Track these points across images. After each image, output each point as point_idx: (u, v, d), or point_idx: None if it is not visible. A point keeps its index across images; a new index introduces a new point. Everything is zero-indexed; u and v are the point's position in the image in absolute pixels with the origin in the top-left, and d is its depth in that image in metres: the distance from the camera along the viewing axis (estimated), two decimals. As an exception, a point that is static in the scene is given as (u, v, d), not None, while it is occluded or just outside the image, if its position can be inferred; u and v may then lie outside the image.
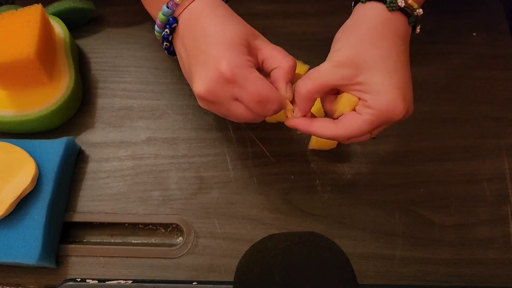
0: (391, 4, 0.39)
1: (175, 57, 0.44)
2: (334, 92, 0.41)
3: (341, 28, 0.42)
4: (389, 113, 0.38)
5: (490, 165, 0.50)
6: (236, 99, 0.39)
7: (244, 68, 0.38)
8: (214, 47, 0.38)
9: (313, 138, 0.49)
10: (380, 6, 0.40)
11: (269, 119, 0.51)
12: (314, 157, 0.50)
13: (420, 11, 0.41)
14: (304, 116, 0.41)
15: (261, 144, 0.51)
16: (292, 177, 0.49)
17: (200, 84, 0.39)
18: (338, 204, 0.48)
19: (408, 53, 0.41)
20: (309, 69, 0.51)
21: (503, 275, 0.45)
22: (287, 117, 0.41)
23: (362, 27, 0.40)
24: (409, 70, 0.40)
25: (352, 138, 0.40)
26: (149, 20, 0.58)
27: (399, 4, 0.40)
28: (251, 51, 0.40)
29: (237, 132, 0.51)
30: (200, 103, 0.41)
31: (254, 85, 0.38)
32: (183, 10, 0.41)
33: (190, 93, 0.54)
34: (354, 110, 0.40)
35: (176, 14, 0.41)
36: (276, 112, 0.40)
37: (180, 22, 0.41)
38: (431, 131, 0.51)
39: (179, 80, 0.55)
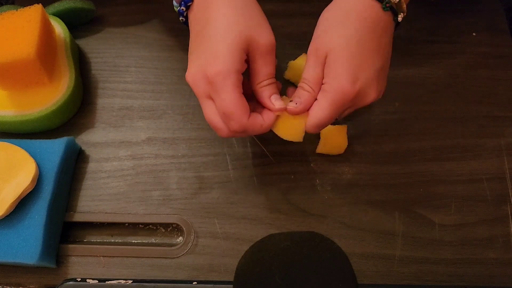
0: None
1: (172, 55, 0.45)
2: None
3: (324, 11, 0.43)
4: (341, 96, 0.39)
5: (490, 164, 0.50)
6: (211, 99, 0.40)
7: (228, 78, 0.39)
8: (218, 42, 0.39)
9: (321, 143, 0.49)
10: None
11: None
12: (314, 157, 0.50)
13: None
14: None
15: (261, 144, 0.51)
16: (292, 177, 0.49)
17: (189, 68, 0.41)
18: (338, 204, 0.48)
19: (383, 39, 0.41)
20: None
21: (503, 275, 0.45)
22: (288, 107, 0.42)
23: (326, 16, 0.42)
24: (379, 55, 0.41)
25: (321, 127, 0.42)
26: (149, 20, 0.58)
27: None
28: (247, 54, 0.40)
29: (237, 132, 0.51)
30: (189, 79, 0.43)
31: (226, 97, 0.39)
32: None
33: (190, 93, 0.54)
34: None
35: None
36: (238, 132, 0.40)
37: (195, 1, 0.42)
38: (431, 131, 0.51)
39: (179, 80, 0.55)
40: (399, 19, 0.42)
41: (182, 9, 0.43)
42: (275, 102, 0.41)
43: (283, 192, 0.49)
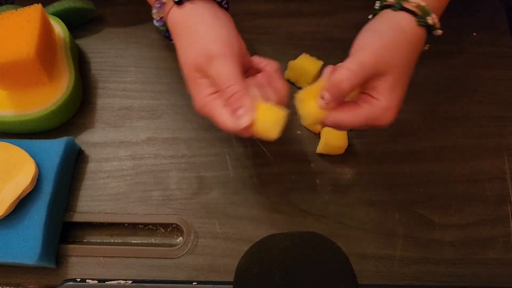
0: (421, 19, 0.41)
1: (172, 55, 0.46)
2: None
3: (366, 26, 0.42)
4: (380, 120, 0.40)
5: (491, 165, 0.50)
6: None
7: (207, 107, 0.41)
8: (184, 75, 0.42)
9: (321, 143, 0.49)
10: (410, 18, 0.41)
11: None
12: (314, 157, 0.50)
13: (440, 32, 0.43)
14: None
15: (261, 144, 0.51)
16: (292, 177, 0.49)
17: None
18: (338, 204, 0.48)
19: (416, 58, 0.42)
20: (323, 65, 0.51)
21: (503, 275, 0.45)
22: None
23: (388, 33, 0.41)
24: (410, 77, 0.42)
25: (340, 128, 0.42)
26: (149, 20, 0.58)
27: (428, 21, 0.41)
28: (207, 76, 0.41)
29: (237, 132, 0.51)
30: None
31: (218, 121, 0.40)
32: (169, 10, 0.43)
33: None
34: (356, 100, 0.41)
35: (164, 14, 0.45)
36: (249, 135, 0.41)
37: (169, 23, 0.44)
38: (431, 131, 0.51)
39: (179, 80, 0.54)
40: (426, 47, 0.43)
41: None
42: (239, 120, 0.40)
43: (283, 192, 0.49)
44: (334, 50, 0.55)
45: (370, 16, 0.46)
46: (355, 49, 0.41)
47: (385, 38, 0.40)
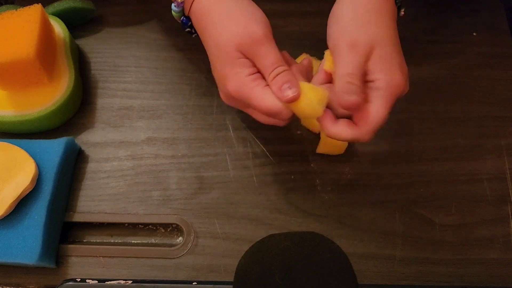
0: None
1: (172, 55, 0.47)
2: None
3: (333, 11, 0.43)
4: (395, 90, 0.39)
5: (491, 165, 0.50)
6: (250, 107, 0.42)
7: (246, 87, 0.39)
8: (221, 57, 0.41)
9: (321, 142, 0.49)
10: None
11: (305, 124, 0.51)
12: (314, 157, 0.50)
13: None
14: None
15: (261, 144, 0.51)
16: (292, 177, 0.49)
17: (222, 93, 0.44)
18: (338, 204, 0.48)
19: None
20: None
21: (503, 275, 0.45)
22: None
23: (360, 6, 0.40)
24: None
25: (378, 130, 0.40)
26: (149, 20, 0.58)
27: None
28: (252, 57, 0.40)
29: (237, 132, 0.51)
30: (225, 97, 0.44)
31: (257, 101, 0.39)
32: (191, 5, 0.43)
33: (190, 93, 0.54)
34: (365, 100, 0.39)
35: (186, 12, 0.45)
36: (287, 119, 0.40)
37: (193, 19, 0.44)
38: (431, 131, 0.51)
39: (179, 80, 0.55)
40: (402, 13, 0.44)
41: (190, 31, 0.46)
42: (285, 92, 0.39)
43: (283, 192, 0.49)
44: (334, 50, 0.55)
45: None
46: (333, 40, 0.41)
47: (364, 23, 0.40)
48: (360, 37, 0.39)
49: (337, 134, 0.40)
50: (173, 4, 0.45)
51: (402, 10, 0.44)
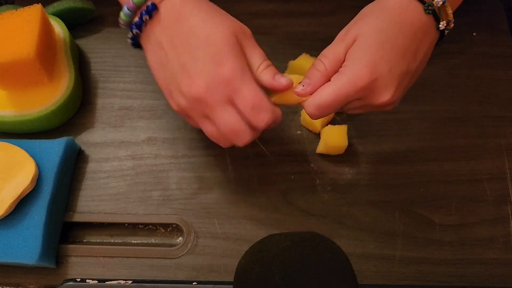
0: (429, 7, 0.39)
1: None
2: None
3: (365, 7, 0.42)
4: (354, 80, 0.38)
5: (491, 164, 0.50)
6: (230, 103, 0.38)
7: (243, 72, 0.38)
8: (213, 46, 0.38)
9: (321, 143, 0.49)
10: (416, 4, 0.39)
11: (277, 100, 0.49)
12: (314, 157, 0.50)
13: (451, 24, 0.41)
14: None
15: (261, 144, 0.51)
16: (292, 177, 0.49)
17: (201, 81, 0.38)
18: (338, 204, 0.48)
19: (420, 45, 0.40)
20: None
21: (503, 275, 0.45)
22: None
23: (375, 7, 0.40)
24: (408, 58, 0.39)
25: (322, 109, 0.39)
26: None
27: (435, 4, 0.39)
28: (244, 48, 0.40)
29: (237, 132, 0.51)
30: (184, 101, 0.39)
31: (251, 89, 0.38)
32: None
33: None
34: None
35: (156, 1, 0.39)
36: (268, 124, 0.39)
37: (161, 10, 0.39)
38: (431, 131, 0.51)
39: (179, 80, 0.55)
40: (441, 26, 0.40)
41: (143, 19, 0.39)
42: (280, 80, 0.39)
43: (283, 192, 0.49)
44: (334, 50, 0.55)
45: None
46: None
47: (358, 15, 0.40)
48: (350, 27, 0.40)
49: (284, 89, 0.40)
50: (125, 7, 0.40)
51: (442, 23, 0.40)
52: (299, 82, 0.40)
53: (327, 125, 0.50)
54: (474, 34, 0.57)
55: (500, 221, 0.47)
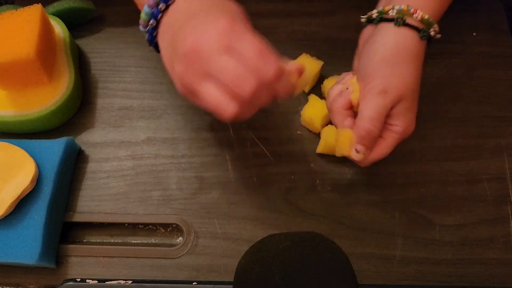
0: (425, 33, 0.43)
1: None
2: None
3: (368, 45, 0.44)
4: (406, 135, 0.43)
5: (491, 165, 0.50)
6: (228, 52, 0.35)
7: (245, 23, 0.37)
8: (216, 12, 0.37)
9: (322, 142, 0.49)
10: (414, 34, 0.43)
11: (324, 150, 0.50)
12: (314, 157, 0.50)
13: (439, 36, 0.45)
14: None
15: (261, 144, 0.51)
16: (292, 177, 0.49)
17: (193, 35, 0.36)
18: (338, 204, 0.48)
19: (420, 67, 0.44)
20: (323, 66, 0.52)
21: (503, 275, 0.45)
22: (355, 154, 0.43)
23: (396, 57, 0.42)
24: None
25: (380, 159, 0.44)
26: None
27: (431, 33, 0.44)
28: None
29: (237, 132, 0.51)
30: (180, 64, 0.37)
31: (254, 37, 0.36)
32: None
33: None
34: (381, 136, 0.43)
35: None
36: (277, 73, 0.35)
37: (177, 2, 0.40)
38: (431, 131, 0.51)
39: (179, 80, 0.55)
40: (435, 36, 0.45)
41: (160, 8, 0.40)
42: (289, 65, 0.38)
43: (283, 192, 0.49)
44: (334, 50, 0.55)
45: (362, 19, 0.46)
46: (364, 75, 0.43)
47: (395, 66, 0.42)
48: (392, 86, 0.41)
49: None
50: (145, 6, 0.41)
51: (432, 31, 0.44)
52: (352, 146, 0.42)
53: (327, 125, 0.50)
54: (474, 34, 0.57)
55: (500, 221, 0.47)
